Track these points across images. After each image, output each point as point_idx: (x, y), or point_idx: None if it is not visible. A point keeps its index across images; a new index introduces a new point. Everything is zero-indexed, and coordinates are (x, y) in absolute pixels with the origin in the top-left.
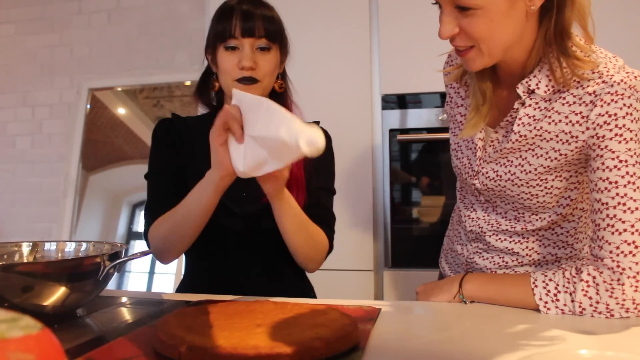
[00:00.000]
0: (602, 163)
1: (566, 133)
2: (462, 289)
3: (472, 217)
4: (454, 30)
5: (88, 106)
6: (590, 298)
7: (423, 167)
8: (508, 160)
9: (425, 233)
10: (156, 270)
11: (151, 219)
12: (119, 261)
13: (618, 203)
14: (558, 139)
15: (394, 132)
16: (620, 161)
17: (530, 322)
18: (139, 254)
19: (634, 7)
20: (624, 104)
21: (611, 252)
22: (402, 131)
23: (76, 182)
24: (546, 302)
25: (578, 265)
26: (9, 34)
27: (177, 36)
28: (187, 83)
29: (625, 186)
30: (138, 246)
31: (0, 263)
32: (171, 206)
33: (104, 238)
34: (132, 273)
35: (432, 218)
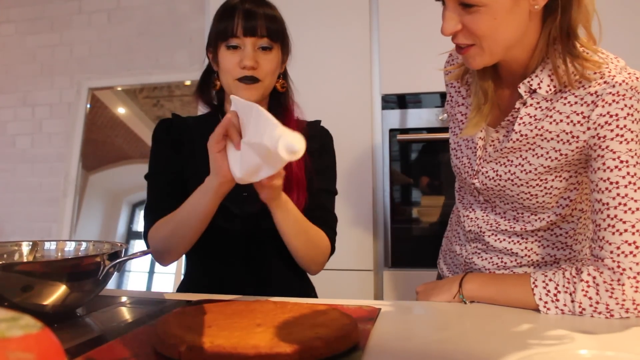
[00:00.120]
0: (603, 163)
1: (567, 133)
2: (462, 289)
3: (471, 217)
4: (457, 27)
5: (88, 106)
6: (590, 298)
7: (423, 167)
8: (508, 159)
9: (425, 233)
10: (156, 269)
11: (151, 221)
12: (119, 260)
13: (619, 203)
14: (559, 139)
15: (394, 132)
16: (621, 161)
17: (530, 322)
18: (139, 254)
19: (635, 8)
20: (625, 105)
21: (612, 253)
22: (402, 131)
23: (76, 182)
24: (546, 302)
25: (578, 265)
26: (9, 34)
27: (177, 36)
28: (187, 83)
29: (626, 186)
30: (138, 246)
31: (0, 262)
32: (171, 208)
33: (104, 237)
34: (132, 272)
35: (432, 218)
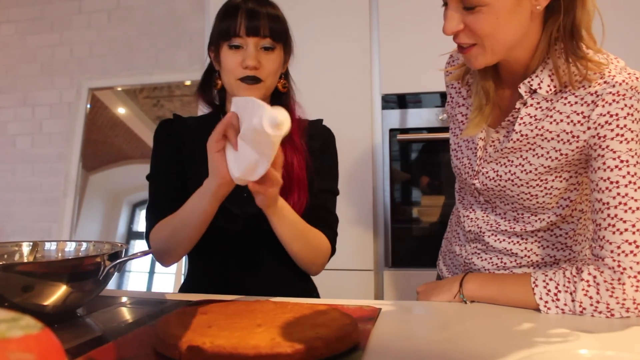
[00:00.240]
0: (603, 163)
1: (567, 133)
2: (463, 289)
3: (471, 218)
4: (459, 26)
5: (88, 106)
6: (590, 297)
7: (423, 167)
8: (508, 160)
9: (425, 233)
10: (156, 270)
11: (152, 222)
12: (119, 261)
13: (619, 203)
14: (559, 139)
15: (394, 132)
16: (621, 161)
17: (530, 322)
18: (139, 254)
19: (634, 8)
20: (625, 105)
21: (612, 252)
22: (402, 131)
23: (76, 182)
24: (546, 302)
25: (579, 264)
26: (9, 34)
27: (177, 36)
28: (187, 83)
29: (626, 186)
30: (138, 246)
31: (0, 263)
32: (172, 209)
33: (104, 238)
34: (132, 273)
35: (433, 218)
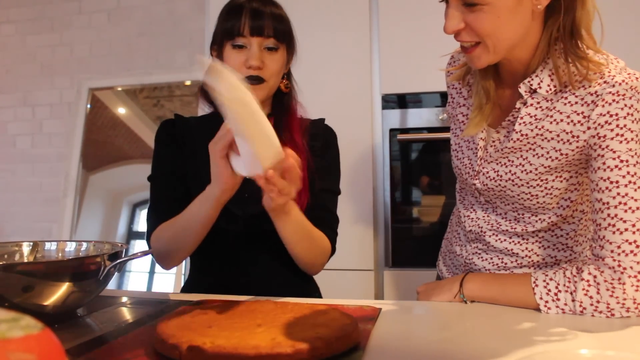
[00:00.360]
0: (603, 163)
1: (567, 133)
2: (463, 289)
3: (472, 218)
4: (460, 25)
5: (88, 106)
6: (591, 297)
7: (423, 167)
8: (509, 160)
9: (425, 233)
10: (156, 270)
11: (153, 225)
12: (120, 261)
13: (619, 203)
14: (559, 139)
15: (394, 132)
16: (621, 161)
17: (530, 322)
18: (140, 254)
19: (634, 8)
20: (625, 105)
21: (612, 252)
22: (402, 131)
23: (76, 182)
24: (547, 302)
25: (579, 264)
26: (9, 34)
27: (177, 36)
28: (187, 83)
29: (626, 186)
30: (138, 246)
31: (0, 263)
32: (173, 211)
33: (104, 238)
34: (133, 273)
35: (433, 218)
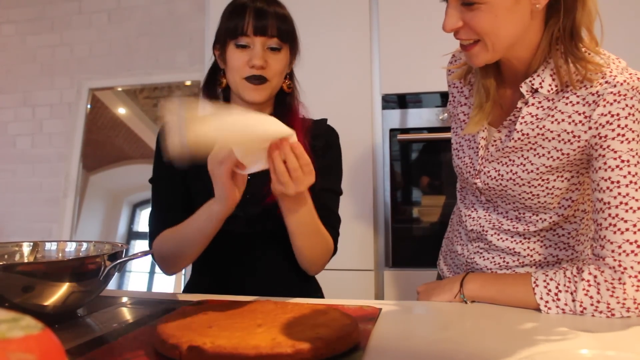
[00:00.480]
0: (604, 163)
1: (568, 132)
2: (463, 289)
3: (473, 217)
4: (458, 23)
5: (88, 106)
6: (591, 297)
7: (423, 167)
8: (510, 159)
9: (425, 233)
10: (156, 270)
11: (155, 232)
12: (120, 261)
13: (620, 202)
14: (560, 139)
15: (395, 132)
16: (622, 161)
17: (531, 322)
18: (140, 254)
19: (635, 9)
20: (627, 105)
21: (613, 251)
22: (403, 131)
23: (76, 182)
24: (547, 302)
25: (579, 264)
26: (10, 34)
27: (177, 36)
28: (188, 83)
29: (627, 186)
30: (138, 246)
31: (0, 263)
32: (175, 217)
33: (105, 238)
34: (133, 273)
35: (433, 218)
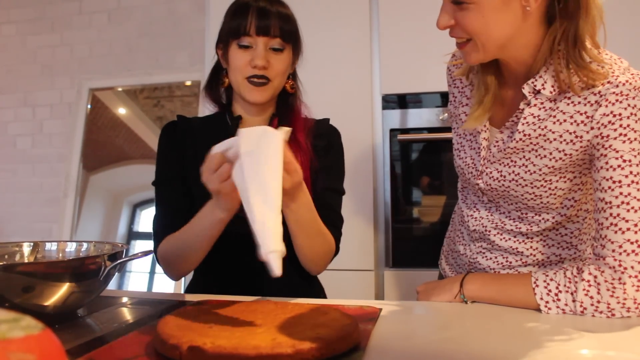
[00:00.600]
0: (606, 162)
1: (570, 133)
2: (463, 289)
3: (475, 217)
4: (450, 22)
5: (88, 106)
6: (591, 297)
7: (424, 167)
8: (512, 160)
9: (426, 233)
10: (157, 270)
11: (159, 238)
12: (120, 261)
13: (621, 202)
14: (562, 139)
15: (395, 132)
16: (624, 161)
17: (531, 322)
18: (140, 254)
19: (635, 9)
20: (629, 105)
21: (614, 251)
22: (403, 131)
23: (77, 182)
24: (547, 302)
25: (579, 264)
26: (10, 34)
27: (178, 36)
28: (188, 83)
29: (628, 185)
30: (139, 246)
31: (1, 263)
32: (177, 221)
33: (105, 238)
34: (133, 273)
35: (433, 218)
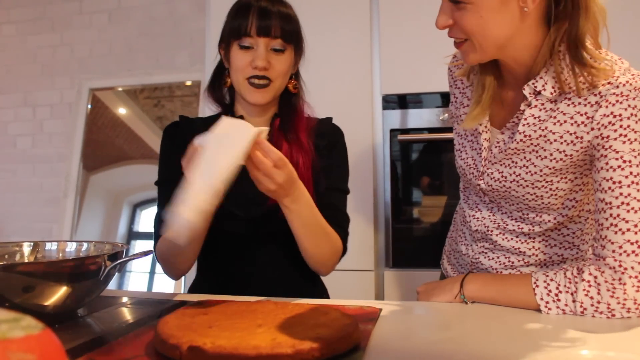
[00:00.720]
0: (606, 163)
1: (571, 134)
2: (463, 289)
3: (477, 217)
4: (448, 21)
5: (89, 106)
6: (591, 298)
7: (424, 167)
8: (512, 161)
9: (426, 233)
10: (157, 270)
11: (157, 235)
12: (120, 261)
13: (622, 203)
14: (562, 140)
15: (395, 132)
16: (624, 161)
17: (531, 322)
18: (140, 254)
19: (635, 9)
20: (629, 105)
21: (614, 252)
22: (403, 131)
23: (77, 182)
24: (547, 302)
25: (580, 265)
26: (10, 34)
27: (178, 36)
28: (188, 83)
29: (629, 186)
30: (139, 246)
31: (1, 263)
32: None
33: (105, 238)
34: (133, 273)
35: (433, 218)
